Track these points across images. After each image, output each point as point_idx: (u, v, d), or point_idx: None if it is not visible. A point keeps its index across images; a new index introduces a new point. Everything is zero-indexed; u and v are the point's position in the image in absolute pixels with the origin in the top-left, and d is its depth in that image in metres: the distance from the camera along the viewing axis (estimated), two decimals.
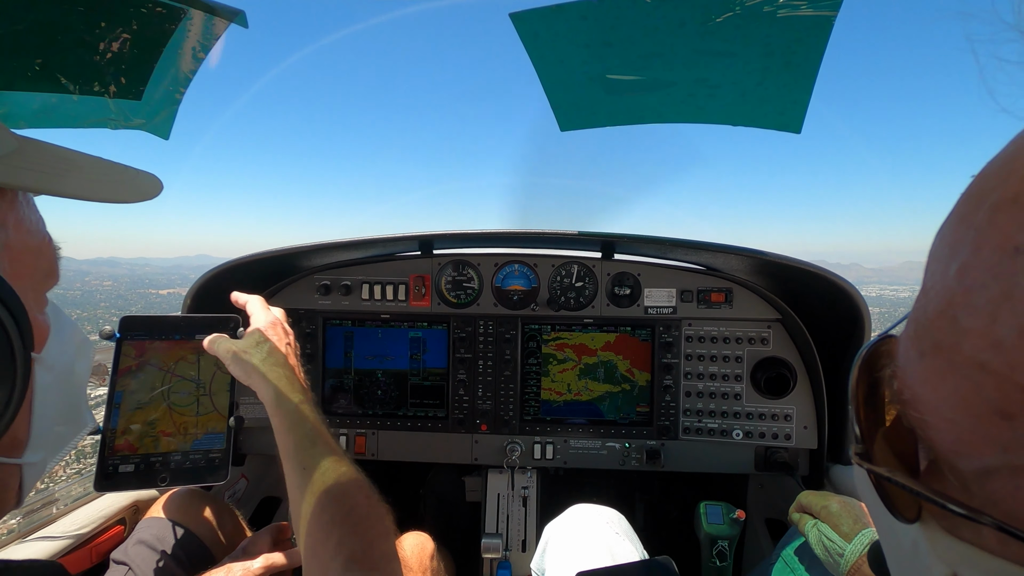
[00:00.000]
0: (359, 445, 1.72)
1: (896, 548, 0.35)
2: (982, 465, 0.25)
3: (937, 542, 0.30)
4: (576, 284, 1.71)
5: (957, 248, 0.26)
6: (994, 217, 0.25)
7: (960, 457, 0.27)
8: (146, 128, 1.14)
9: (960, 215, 0.27)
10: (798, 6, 0.84)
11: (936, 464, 0.31)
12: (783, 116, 1.11)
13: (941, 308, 0.27)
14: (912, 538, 0.32)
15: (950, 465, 0.28)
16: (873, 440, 0.34)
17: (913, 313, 0.30)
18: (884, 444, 0.34)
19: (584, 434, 1.71)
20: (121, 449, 1.00)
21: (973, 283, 0.25)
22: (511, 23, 0.93)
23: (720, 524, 1.25)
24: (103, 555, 1.23)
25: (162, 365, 1.06)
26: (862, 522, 0.98)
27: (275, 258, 1.55)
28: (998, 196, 0.25)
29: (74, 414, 0.53)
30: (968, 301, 0.25)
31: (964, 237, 0.26)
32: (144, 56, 0.95)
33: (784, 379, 1.60)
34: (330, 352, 1.75)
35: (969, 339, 0.25)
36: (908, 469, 0.33)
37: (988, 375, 0.24)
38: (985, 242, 0.25)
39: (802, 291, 1.58)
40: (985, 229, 0.25)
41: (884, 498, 0.33)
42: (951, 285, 0.26)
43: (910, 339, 0.30)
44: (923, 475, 0.33)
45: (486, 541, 1.56)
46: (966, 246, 0.26)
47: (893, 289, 42.64)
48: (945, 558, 0.29)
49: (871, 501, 0.35)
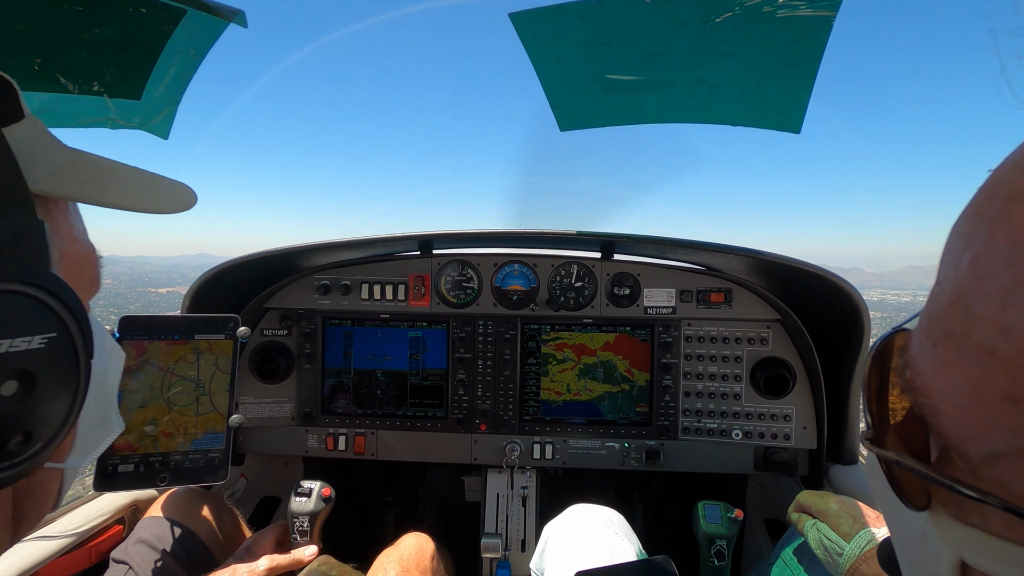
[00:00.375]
0: (358, 445, 1.72)
1: (905, 537, 0.36)
2: (990, 450, 0.26)
3: (945, 528, 0.30)
4: (576, 284, 1.71)
5: (971, 239, 0.27)
6: (1008, 208, 0.25)
7: (969, 443, 0.27)
8: (145, 128, 1.14)
9: (975, 208, 0.28)
10: (798, 6, 0.84)
11: (946, 452, 0.31)
12: (783, 116, 1.11)
13: (953, 298, 0.27)
14: (920, 527, 0.32)
15: (959, 451, 0.28)
16: (885, 429, 0.35)
17: (927, 306, 0.31)
18: (895, 435, 0.35)
19: (583, 434, 1.71)
20: (121, 449, 1.00)
21: (985, 272, 0.25)
22: (511, 23, 0.93)
23: (718, 524, 1.25)
24: (103, 554, 1.23)
25: (162, 365, 1.06)
26: (861, 522, 0.98)
27: (274, 258, 1.55)
28: (1012, 188, 0.26)
29: (106, 419, 0.55)
30: (980, 289, 0.26)
31: (978, 228, 0.27)
32: (144, 56, 0.95)
33: (783, 379, 1.60)
34: (329, 352, 1.75)
35: (980, 326, 0.25)
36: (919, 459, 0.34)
37: (997, 360, 0.24)
38: (998, 232, 0.25)
39: (801, 291, 1.58)
40: (998, 220, 0.26)
41: (894, 486, 0.33)
42: (964, 275, 0.27)
43: (923, 330, 0.30)
44: (933, 464, 0.33)
45: (485, 541, 1.56)
46: (980, 236, 0.26)
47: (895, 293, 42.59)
48: (952, 543, 0.29)
49: (881, 490, 0.36)
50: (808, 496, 1.11)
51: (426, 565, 1.23)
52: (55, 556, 1.12)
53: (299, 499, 1.23)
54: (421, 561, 1.22)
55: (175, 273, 64.14)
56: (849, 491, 1.45)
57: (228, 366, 1.10)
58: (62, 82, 0.94)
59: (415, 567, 1.20)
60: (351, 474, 2.07)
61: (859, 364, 1.47)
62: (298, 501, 1.22)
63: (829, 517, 1.02)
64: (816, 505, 1.07)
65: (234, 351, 1.12)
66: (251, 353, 1.68)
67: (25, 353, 0.39)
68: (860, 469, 1.51)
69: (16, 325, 0.38)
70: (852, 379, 1.48)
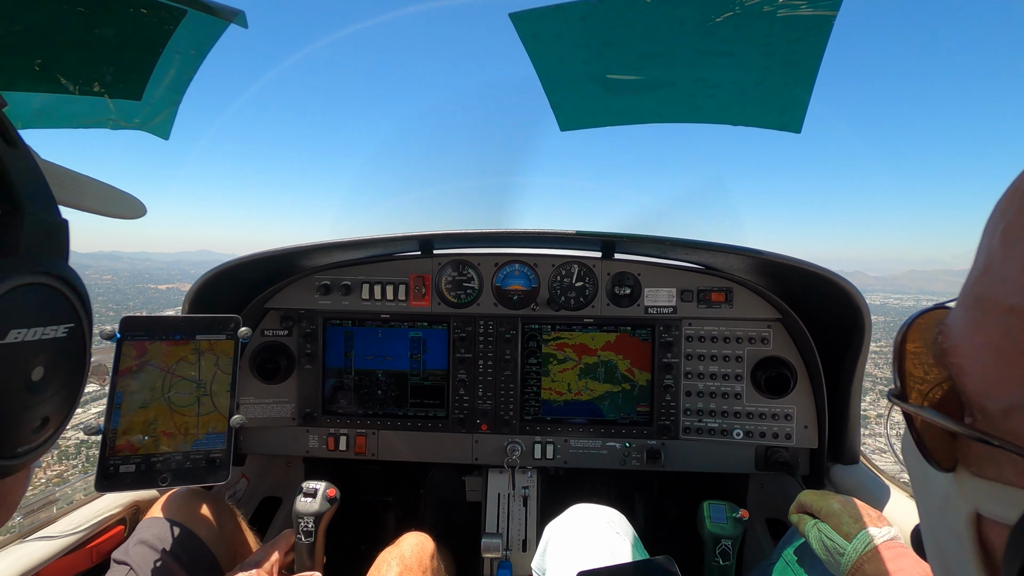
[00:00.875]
0: (359, 445, 1.72)
1: (929, 504, 0.38)
2: (1008, 402, 0.28)
3: (965, 485, 0.32)
4: (576, 284, 1.71)
5: (1006, 212, 0.30)
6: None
7: (989, 397, 0.30)
8: (146, 128, 1.14)
9: (1014, 186, 0.31)
10: (798, 6, 0.84)
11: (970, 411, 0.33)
12: (783, 116, 1.11)
13: (984, 265, 0.30)
14: (945, 490, 0.35)
15: (980, 407, 0.31)
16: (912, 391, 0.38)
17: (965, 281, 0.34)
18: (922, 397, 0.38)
19: (584, 434, 1.71)
20: (122, 449, 1.00)
21: (1014, 238, 0.28)
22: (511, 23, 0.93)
23: (723, 523, 1.25)
24: (104, 555, 1.23)
25: (163, 365, 1.06)
26: (862, 522, 0.98)
27: (275, 258, 1.55)
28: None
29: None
30: (1007, 255, 0.28)
31: (1011, 203, 0.30)
32: (144, 56, 0.95)
33: (784, 379, 1.60)
34: (330, 352, 1.75)
35: (1004, 286, 0.28)
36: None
37: (1018, 318, 0.27)
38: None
39: (802, 291, 1.58)
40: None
41: (922, 448, 0.36)
42: (995, 244, 0.30)
43: (958, 300, 0.34)
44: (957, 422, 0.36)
45: (486, 541, 1.56)
46: (1012, 208, 0.29)
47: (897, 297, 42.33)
48: (970, 497, 0.32)
49: (910, 456, 0.38)
50: (809, 496, 1.10)
51: (427, 564, 1.23)
52: (56, 556, 1.12)
53: (305, 500, 1.23)
54: (422, 560, 1.22)
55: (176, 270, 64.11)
56: (850, 490, 1.45)
57: (229, 366, 1.10)
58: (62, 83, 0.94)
59: (416, 566, 1.20)
60: (352, 474, 2.07)
61: (860, 363, 1.47)
62: (304, 502, 1.23)
63: (830, 517, 1.02)
64: (817, 505, 1.06)
65: (235, 351, 1.12)
66: (252, 353, 1.68)
67: (51, 341, 0.42)
68: (861, 468, 1.51)
69: (47, 314, 0.41)
70: (853, 378, 1.48)
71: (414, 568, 1.19)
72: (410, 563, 1.19)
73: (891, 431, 0.52)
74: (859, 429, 1.53)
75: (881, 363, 5.84)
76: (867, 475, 1.47)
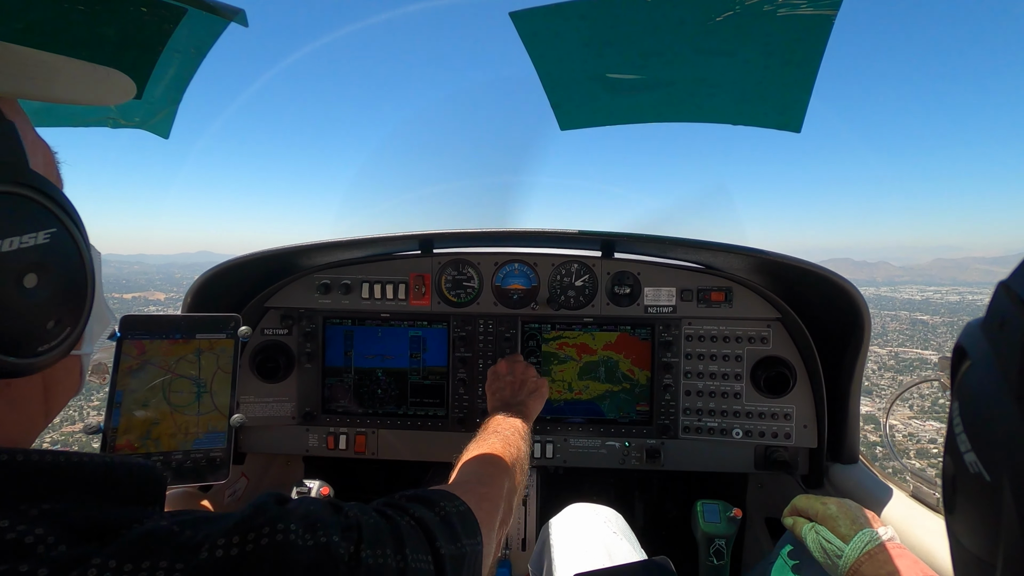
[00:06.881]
0: (359, 444, 1.72)
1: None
2: None
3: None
4: (576, 283, 1.71)
5: None
6: None
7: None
8: (146, 127, 1.14)
9: None
10: (798, 5, 0.84)
11: None
12: (783, 115, 1.11)
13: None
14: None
15: None
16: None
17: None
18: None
19: (584, 433, 1.71)
20: (122, 448, 1.00)
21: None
22: (511, 22, 0.93)
23: (717, 523, 1.25)
24: None
25: (163, 364, 1.06)
26: (860, 523, 0.98)
27: (275, 257, 1.55)
28: None
29: (102, 312, 0.60)
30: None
31: None
32: (144, 56, 0.95)
33: (784, 378, 1.60)
34: (330, 351, 1.75)
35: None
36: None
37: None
38: None
39: (802, 290, 1.58)
40: None
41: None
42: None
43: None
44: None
45: None
46: None
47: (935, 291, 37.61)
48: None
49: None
50: (804, 500, 1.10)
51: None
52: None
53: None
54: None
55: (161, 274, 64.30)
56: (849, 490, 1.45)
57: (229, 365, 1.10)
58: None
59: None
60: (352, 473, 2.07)
61: (860, 363, 1.47)
62: None
63: (827, 520, 1.02)
64: (813, 508, 1.06)
65: (235, 350, 1.12)
66: (252, 352, 1.68)
67: (34, 248, 0.43)
68: (860, 468, 1.51)
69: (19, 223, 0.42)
70: (853, 377, 1.48)
71: None
72: None
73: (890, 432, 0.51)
74: (858, 428, 1.53)
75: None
76: (866, 475, 1.47)
